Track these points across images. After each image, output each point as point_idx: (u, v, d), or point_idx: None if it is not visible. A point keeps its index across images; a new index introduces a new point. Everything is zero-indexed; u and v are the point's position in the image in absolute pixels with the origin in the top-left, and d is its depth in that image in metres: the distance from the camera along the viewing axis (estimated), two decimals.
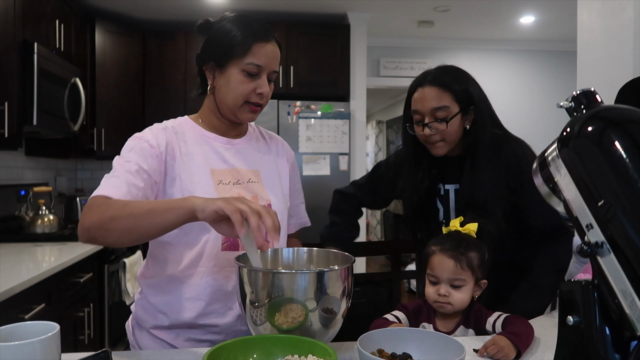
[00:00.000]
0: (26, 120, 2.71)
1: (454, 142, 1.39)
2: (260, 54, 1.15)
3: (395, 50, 5.00)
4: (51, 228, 3.03)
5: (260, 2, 3.96)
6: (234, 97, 1.17)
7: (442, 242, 1.20)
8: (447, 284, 1.16)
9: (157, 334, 1.20)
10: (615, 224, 0.58)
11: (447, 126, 1.34)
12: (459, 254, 1.17)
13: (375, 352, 0.94)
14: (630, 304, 0.58)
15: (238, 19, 1.19)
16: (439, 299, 1.16)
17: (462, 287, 1.16)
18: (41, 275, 1.99)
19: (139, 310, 1.24)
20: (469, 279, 1.17)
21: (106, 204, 1.03)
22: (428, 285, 1.20)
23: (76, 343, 2.48)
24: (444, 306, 1.16)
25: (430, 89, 1.36)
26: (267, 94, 1.19)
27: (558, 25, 4.57)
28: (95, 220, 1.02)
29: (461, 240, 1.19)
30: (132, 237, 1.02)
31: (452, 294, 1.16)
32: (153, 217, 0.98)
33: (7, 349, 0.77)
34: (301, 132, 3.96)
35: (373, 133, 8.64)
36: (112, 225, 1.00)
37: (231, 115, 1.21)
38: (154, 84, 4.19)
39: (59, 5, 3.22)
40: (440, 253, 1.18)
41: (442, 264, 1.17)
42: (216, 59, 1.18)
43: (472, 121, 1.38)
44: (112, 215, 1.01)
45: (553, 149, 0.65)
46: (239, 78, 1.16)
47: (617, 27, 2.14)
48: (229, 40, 1.16)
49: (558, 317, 0.69)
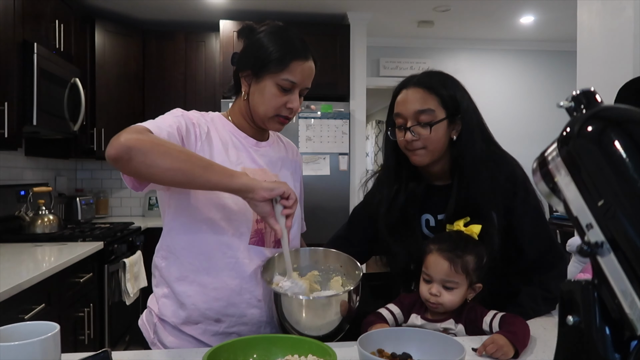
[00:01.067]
0: (26, 120, 2.71)
1: (437, 152, 1.28)
2: (297, 71, 1.20)
3: (395, 50, 5.00)
4: (51, 228, 3.03)
5: (261, 2, 3.96)
6: (266, 108, 1.21)
7: (440, 242, 1.20)
8: (440, 284, 1.16)
9: (185, 329, 1.21)
10: (615, 224, 0.58)
11: (430, 131, 1.24)
12: (455, 256, 1.16)
13: (375, 352, 0.94)
14: (630, 304, 0.58)
15: (279, 33, 1.22)
16: (430, 298, 1.16)
17: (454, 290, 1.16)
18: (41, 276, 1.99)
19: (164, 307, 1.23)
20: (462, 282, 1.16)
21: (156, 138, 1.05)
22: (422, 282, 1.20)
23: (76, 343, 2.48)
24: (435, 306, 1.17)
25: (415, 91, 1.28)
26: (296, 109, 1.24)
27: (558, 25, 4.56)
28: (141, 142, 1.00)
29: (460, 242, 1.18)
30: (177, 177, 1.03)
31: (443, 294, 1.16)
32: (208, 171, 1.04)
33: (7, 349, 0.77)
34: (301, 132, 3.96)
35: (373, 133, 8.64)
36: (160, 155, 1.01)
37: (260, 122, 1.26)
38: (153, 84, 4.19)
39: (59, 5, 3.22)
40: (437, 253, 1.18)
41: (437, 264, 1.16)
42: (254, 69, 1.22)
43: (459, 132, 1.28)
44: (165, 146, 1.03)
45: (553, 148, 0.65)
46: (272, 91, 1.20)
47: (617, 27, 2.14)
48: (268, 54, 1.19)
49: (558, 317, 0.69)
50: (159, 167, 1.01)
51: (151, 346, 1.25)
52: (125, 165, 1.02)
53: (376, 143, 8.64)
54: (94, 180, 4.46)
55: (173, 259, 1.22)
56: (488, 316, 1.16)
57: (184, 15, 4.23)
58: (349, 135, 4.04)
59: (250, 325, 1.22)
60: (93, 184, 4.45)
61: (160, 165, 1.01)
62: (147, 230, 3.78)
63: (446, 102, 1.27)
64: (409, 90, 1.29)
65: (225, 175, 1.05)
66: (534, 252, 1.29)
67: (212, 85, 4.21)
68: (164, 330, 1.23)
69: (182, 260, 1.21)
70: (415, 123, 1.26)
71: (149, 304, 1.29)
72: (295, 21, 4.19)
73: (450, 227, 1.25)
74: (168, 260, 1.23)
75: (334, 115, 4.01)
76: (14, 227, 2.99)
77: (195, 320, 1.20)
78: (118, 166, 1.02)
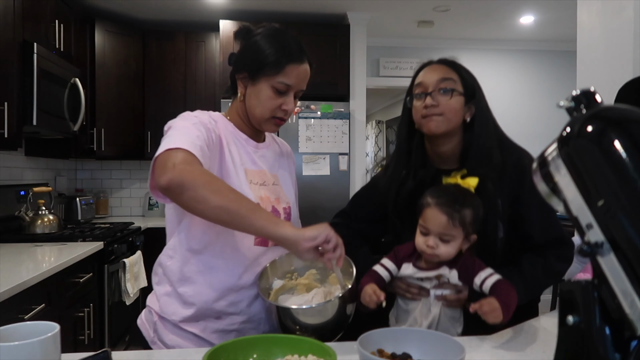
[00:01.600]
0: (26, 120, 2.71)
1: (452, 124, 1.30)
2: (292, 74, 1.21)
3: (395, 50, 5.00)
4: (51, 228, 3.03)
5: (260, 2, 3.96)
6: (262, 110, 1.23)
7: (438, 196, 1.21)
8: (437, 237, 1.18)
9: (185, 326, 1.22)
10: (615, 224, 0.58)
11: (451, 97, 1.28)
12: (454, 210, 1.18)
13: (375, 352, 0.94)
14: (630, 304, 0.58)
15: (275, 36, 1.24)
16: (427, 249, 1.19)
17: (451, 242, 1.18)
18: (41, 276, 1.99)
19: (165, 305, 1.24)
20: (458, 234, 1.19)
21: (207, 173, 1.06)
22: (418, 234, 1.22)
23: (76, 343, 2.48)
24: (431, 257, 1.19)
25: (438, 66, 1.33)
26: (291, 111, 1.26)
27: (558, 25, 4.56)
28: (195, 177, 1.01)
29: (458, 196, 1.21)
30: (222, 216, 1.03)
31: (440, 246, 1.18)
32: (255, 215, 1.03)
33: (7, 349, 0.77)
34: (301, 132, 3.96)
35: (373, 133, 8.64)
36: (211, 192, 1.01)
37: (256, 124, 1.28)
38: (153, 84, 4.19)
39: (59, 6, 3.22)
40: (435, 207, 1.19)
41: (435, 217, 1.18)
42: (250, 71, 1.23)
43: (472, 115, 1.32)
44: (217, 184, 1.03)
45: (553, 148, 0.65)
46: (268, 93, 1.22)
47: (617, 27, 2.14)
48: (264, 57, 1.21)
49: (558, 317, 0.69)
50: (208, 204, 1.02)
51: (151, 345, 1.25)
52: (175, 198, 1.04)
53: (376, 143, 8.64)
54: (94, 180, 4.46)
55: (179, 258, 1.23)
56: (484, 272, 1.18)
57: (184, 15, 4.23)
58: (349, 135, 4.04)
59: (250, 322, 1.24)
60: (93, 184, 4.45)
61: (209, 202, 1.01)
62: (147, 230, 3.78)
63: (466, 82, 1.32)
64: (432, 66, 1.35)
65: (270, 222, 1.04)
66: (542, 240, 1.31)
67: (212, 85, 4.21)
68: (165, 328, 1.24)
69: (189, 260, 1.22)
70: (436, 89, 1.29)
71: (149, 303, 1.29)
72: (295, 21, 4.19)
73: (447, 179, 1.27)
74: (173, 260, 1.24)
75: (334, 115, 4.01)
76: (13, 227, 2.99)
77: (197, 318, 1.22)
78: (167, 195, 1.05)
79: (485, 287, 1.16)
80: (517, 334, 1.19)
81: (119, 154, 4.03)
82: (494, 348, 1.10)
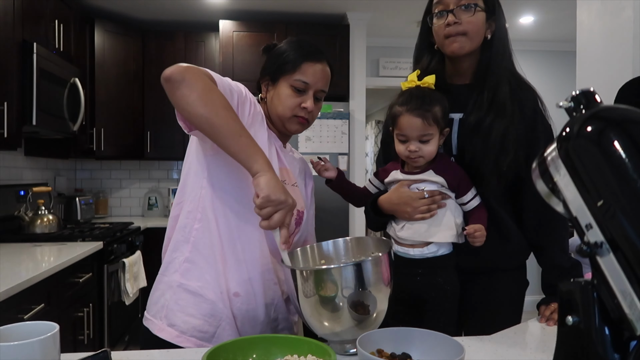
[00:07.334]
0: (25, 120, 2.71)
1: (476, 41, 1.29)
2: (309, 72, 1.27)
3: (395, 50, 5.00)
4: (50, 228, 3.03)
5: (260, 2, 3.96)
6: (283, 109, 1.28)
7: (407, 102, 1.27)
8: (417, 140, 1.26)
9: (206, 293, 1.20)
10: (615, 224, 0.58)
11: (473, 13, 1.26)
12: (425, 111, 1.25)
13: (374, 352, 0.94)
14: (630, 304, 0.58)
15: (294, 42, 1.33)
16: (410, 154, 1.27)
17: (430, 141, 1.27)
18: (40, 276, 1.99)
19: (187, 271, 1.22)
20: (435, 132, 1.26)
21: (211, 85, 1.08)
22: (398, 143, 1.30)
23: (76, 343, 2.47)
24: (416, 160, 1.28)
25: None
26: (311, 109, 1.29)
27: (558, 25, 4.57)
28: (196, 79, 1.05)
29: (424, 97, 1.26)
30: (203, 125, 1.05)
31: (422, 148, 1.26)
32: (235, 135, 1.05)
33: (7, 349, 0.77)
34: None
35: (372, 133, 8.64)
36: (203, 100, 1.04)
37: (280, 125, 1.31)
38: (153, 84, 4.18)
39: (59, 6, 3.22)
40: (407, 113, 1.26)
41: (410, 123, 1.26)
42: (271, 74, 1.31)
43: (492, 32, 1.31)
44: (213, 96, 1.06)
45: (552, 149, 0.65)
46: (287, 92, 1.27)
47: (616, 27, 2.14)
48: (283, 58, 1.29)
49: (557, 317, 0.69)
50: (195, 109, 1.04)
51: (158, 332, 1.21)
52: (171, 89, 1.06)
53: (376, 143, 8.63)
54: (94, 180, 4.46)
55: (206, 226, 1.21)
56: (470, 193, 1.29)
57: (183, 15, 4.23)
58: (349, 136, 4.04)
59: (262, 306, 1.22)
60: (92, 184, 4.45)
61: (196, 108, 1.04)
62: (146, 230, 3.78)
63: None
64: None
65: (244, 152, 1.05)
66: None
67: None
68: (178, 302, 1.20)
69: (195, 254, 1.21)
70: (458, 6, 1.27)
71: (154, 304, 1.26)
72: (295, 21, 4.19)
73: (405, 84, 1.32)
74: (202, 224, 1.21)
75: (333, 115, 4.01)
76: (13, 227, 2.99)
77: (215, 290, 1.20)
78: (166, 86, 1.07)
79: (469, 206, 1.28)
80: (517, 334, 1.19)
81: (118, 153, 4.04)
82: (494, 348, 1.10)
